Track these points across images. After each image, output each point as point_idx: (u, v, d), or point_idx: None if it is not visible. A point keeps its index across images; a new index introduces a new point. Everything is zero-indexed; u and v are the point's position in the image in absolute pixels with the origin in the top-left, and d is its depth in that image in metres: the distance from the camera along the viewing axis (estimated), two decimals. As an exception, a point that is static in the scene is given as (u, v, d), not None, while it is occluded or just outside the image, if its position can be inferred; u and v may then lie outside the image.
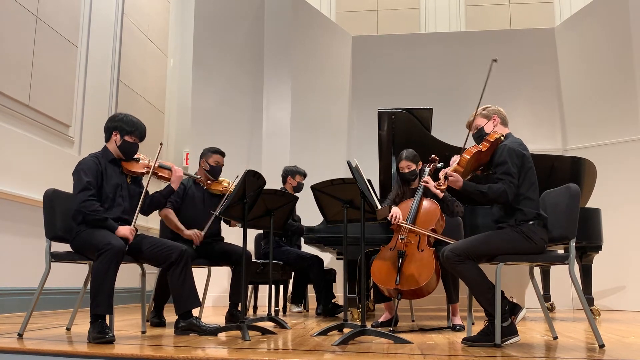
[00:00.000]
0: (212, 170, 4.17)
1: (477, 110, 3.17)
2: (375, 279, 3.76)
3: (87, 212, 3.07)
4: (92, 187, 3.12)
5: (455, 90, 7.52)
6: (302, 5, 7.64)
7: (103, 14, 6.36)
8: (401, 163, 4.09)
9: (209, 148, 4.27)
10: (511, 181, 2.88)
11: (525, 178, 2.95)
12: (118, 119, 3.33)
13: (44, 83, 5.27)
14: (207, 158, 4.20)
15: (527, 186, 2.94)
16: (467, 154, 2.96)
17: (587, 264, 5.06)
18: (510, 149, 2.94)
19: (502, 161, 2.92)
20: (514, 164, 2.91)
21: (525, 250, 2.88)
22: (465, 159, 2.94)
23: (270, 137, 7.15)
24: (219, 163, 4.21)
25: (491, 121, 3.13)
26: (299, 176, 5.30)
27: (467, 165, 2.94)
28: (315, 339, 3.07)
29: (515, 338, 2.83)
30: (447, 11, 8.82)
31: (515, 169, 2.91)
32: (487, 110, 3.16)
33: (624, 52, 6.74)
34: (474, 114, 3.19)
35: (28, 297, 4.69)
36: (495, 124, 3.13)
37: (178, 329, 3.25)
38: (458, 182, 2.91)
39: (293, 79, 7.30)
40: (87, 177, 3.12)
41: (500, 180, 2.90)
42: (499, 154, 2.97)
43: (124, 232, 3.13)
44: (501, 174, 2.91)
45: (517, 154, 2.94)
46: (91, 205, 3.08)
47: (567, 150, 7.21)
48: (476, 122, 3.17)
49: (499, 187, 2.88)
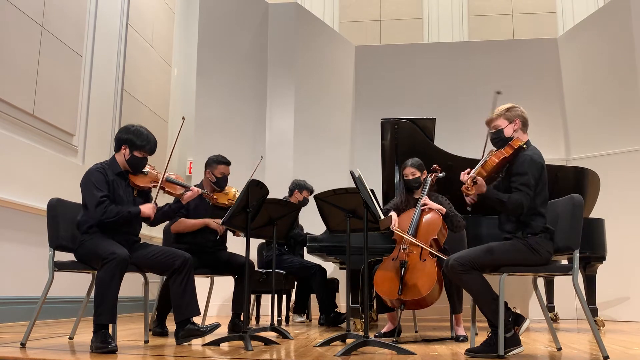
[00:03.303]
0: (218, 181, 4.09)
1: (501, 110, 3.08)
2: (378, 289, 3.76)
3: (112, 218, 3.09)
4: (106, 197, 3.13)
5: (458, 100, 7.54)
6: (305, 16, 7.68)
7: (108, 23, 6.40)
8: (406, 170, 4.09)
9: (214, 158, 4.15)
10: (528, 193, 2.84)
11: (541, 192, 2.92)
12: (130, 132, 3.27)
13: (49, 92, 5.29)
14: (212, 169, 4.11)
15: (540, 200, 2.91)
16: (495, 157, 2.91)
17: (591, 274, 5.04)
18: (533, 160, 2.89)
19: (523, 171, 2.87)
20: (533, 176, 2.87)
21: (530, 262, 2.87)
22: (493, 163, 2.90)
23: (274, 146, 7.16)
24: (225, 174, 4.12)
25: (512, 124, 3.04)
26: (306, 192, 5.30)
27: (491, 169, 2.90)
28: (318, 350, 3.06)
29: (519, 349, 2.82)
30: (450, 21, 8.86)
31: (534, 181, 2.87)
32: (511, 112, 3.06)
33: (627, 63, 6.74)
34: (497, 112, 3.09)
35: (31, 306, 4.69)
36: (516, 128, 3.04)
37: (179, 339, 3.24)
38: (482, 187, 2.85)
39: (296, 89, 7.33)
40: (100, 191, 3.12)
41: (518, 190, 2.85)
42: (520, 163, 2.91)
43: (147, 210, 3.20)
44: (520, 184, 2.86)
45: (538, 167, 2.90)
46: (111, 212, 3.10)
47: (571, 160, 7.20)
48: (497, 122, 3.07)
49: (517, 198, 2.83)
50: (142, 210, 3.20)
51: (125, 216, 3.14)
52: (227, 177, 4.16)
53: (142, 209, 3.20)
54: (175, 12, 8.28)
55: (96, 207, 3.09)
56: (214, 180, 4.10)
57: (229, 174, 4.17)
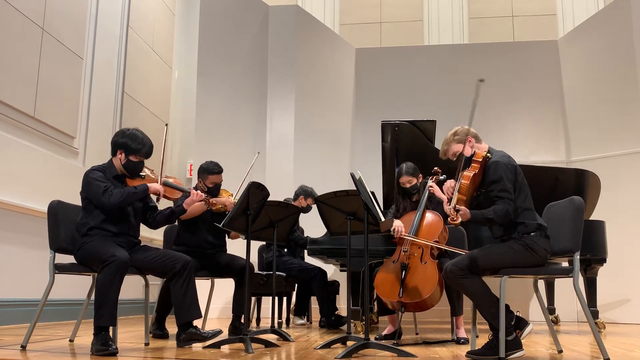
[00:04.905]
0: (209, 191, 4.05)
1: (449, 137, 3.15)
2: (379, 291, 3.76)
3: (119, 200, 3.11)
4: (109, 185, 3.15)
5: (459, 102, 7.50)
6: (305, 18, 7.69)
7: (108, 26, 6.40)
8: (402, 179, 4.09)
9: (204, 167, 4.13)
10: (509, 198, 2.87)
11: (521, 190, 2.96)
12: (125, 135, 3.27)
13: (50, 95, 5.30)
14: (204, 179, 4.10)
15: (523, 198, 2.95)
16: (465, 179, 2.92)
17: (591, 276, 5.04)
18: (502, 164, 2.93)
19: (498, 178, 2.90)
20: (508, 179, 2.91)
21: (528, 262, 2.88)
22: (465, 186, 2.91)
23: (274, 148, 7.17)
24: (216, 183, 4.11)
25: (467, 143, 3.09)
26: (311, 199, 5.28)
27: (467, 191, 2.91)
28: (319, 352, 3.06)
29: (520, 352, 2.81)
30: (451, 23, 8.86)
31: (510, 184, 2.90)
32: (458, 134, 3.13)
33: (627, 64, 6.75)
34: (446, 141, 3.16)
35: (32, 308, 4.69)
36: (472, 144, 3.10)
37: (180, 341, 3.24)
38: (466, 214, 2.86)
39: (297, 91, 7.34)
40: (102, 182, 3.15)
41: (499, 198, 2.88)
42: (492, 171, 2.94)
43: (155, 187, 3.21)
44: (499, 191, 2.88)
45: (510, 168, 2.94)
46: (115, 195, 3.11)
47: (571, 163, 7.20)
48: (453, 150, 3.14)
49: (501, 208, 2.85)
50: (150, 187, 3.21)
51: (131, 193, 3.15)
52: (220, 185, 4.14)
53: (150, 186, 3.21)
54: (175, 14, 8.29)
55: (103, 194, 3.11)
56: (206, 190, 4.05)
57: (222, 181, 4.16)
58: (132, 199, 3.18)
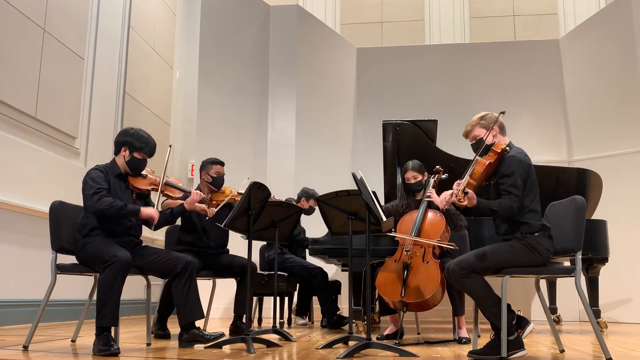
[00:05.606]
0: (214, 181, 4.07)
1: (475, 120, 3.11)
2: (381, 291, 3.75)
3: (104, 207, 3.07)
4: (103, 189, 3.13)
5: (460, 102, 7.52)
6: (306, 18, 7.69)
7: (109, 26, 6.41)
8: (407, 174, 4.09)
9: (207, 160, 4.16)
10: (516, 195, 2.84)
11: (530, 190, 2.93)
12: (129, 134, 3.30)
13: (51, 95, 5.30)
14: (207, 170, 4.10)
15: (531, 198, 2.92)
16: (479, 166, 2.90)
17: (593, 276, 5.03)
18: (518, 160, 2.90)
19: (510, 172, 2.87)
20: (520, 176, 2.87)
21: (530, 262, 2.87)
22: (479, 172, 2.88)
23: (275, 148, 7.17)
24: (220, 173, 4.10)
25: (491, 131, 3.05)
26: (313, 201, 5.28)
27: (478, 178, 2.89)
28: (321, 352, 3.05)
29: (522, 352, 2.81)
30: (452, 23, 8.86)
31: (521, 181, 2.87)
32: (485, 119, 3.08)
33: (629, 63, 6.74)
34: (472, 123, 3.12)
35: (33, 309, 4.69)
36: (495, 134, 3.06)
37: (182, 342, 3.24)
38: (473, 200, 2.82)
39: (298, 91, 7.34)
40: (97, 184, 3.14)
41: (507, 193, 2.85)
42: (506, 165, 2.91)
43: (148, 212, 3.17)
44: (508, 186, 2.85)
45: (525, 166, 2.91)
46: (104, 201, 3.08)
47: (573, 162, 7.19)
48: (475, 133, 3.09)
49: (507, 203, 2.83)
50: (142, 210, 3.17)
51: (119, 208, 3.10)
52: (223, 178, 4.13)
53: (143, 210, 3.18)
54: (176, 14, 8.29)
55: (91, 196, 3.09)
56: (210, 181, 4.07)
57: (224, 174, 4.15)
58: (117, 213, 3.12)
